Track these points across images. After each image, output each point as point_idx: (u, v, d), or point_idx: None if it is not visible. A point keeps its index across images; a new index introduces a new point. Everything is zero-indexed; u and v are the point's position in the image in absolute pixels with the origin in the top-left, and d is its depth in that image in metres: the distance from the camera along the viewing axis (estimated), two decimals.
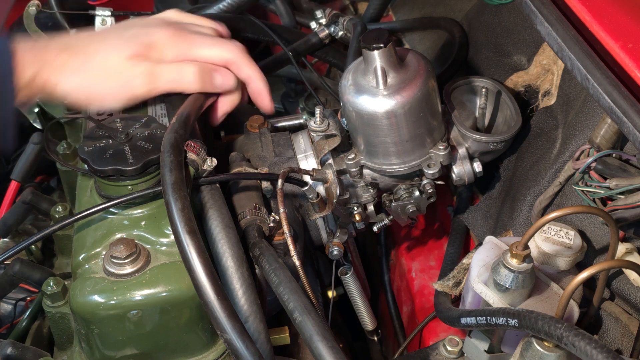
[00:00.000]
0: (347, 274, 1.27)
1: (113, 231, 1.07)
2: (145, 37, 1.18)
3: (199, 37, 1.22)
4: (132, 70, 1.16)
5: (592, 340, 0.83)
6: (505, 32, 1.42)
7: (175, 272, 1.02)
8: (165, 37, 1.19)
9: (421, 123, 1.19)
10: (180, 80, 1.18)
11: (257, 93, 1.26)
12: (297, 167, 1.22)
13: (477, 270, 1.05)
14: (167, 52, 1.18)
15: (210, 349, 1.08)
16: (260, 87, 1.25)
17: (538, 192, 1.21)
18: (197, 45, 1.20)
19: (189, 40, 1.20)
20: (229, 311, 0.91)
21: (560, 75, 1.27)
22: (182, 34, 1.20)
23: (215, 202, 1.07)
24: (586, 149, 1.10)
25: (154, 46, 1.18)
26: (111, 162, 1.06)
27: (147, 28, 1.21)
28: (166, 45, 1.18)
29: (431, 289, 1.31)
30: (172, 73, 1.18)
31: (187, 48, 1.20)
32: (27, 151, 1.53)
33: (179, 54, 1.19)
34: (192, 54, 1.20)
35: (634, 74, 0.93)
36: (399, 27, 1.72)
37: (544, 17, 1.06)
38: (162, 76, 1.17)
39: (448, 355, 1.16)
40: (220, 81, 1.21)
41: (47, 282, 1.12)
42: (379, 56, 1.14)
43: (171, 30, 1.20)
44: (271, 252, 1.08)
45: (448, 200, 1.52)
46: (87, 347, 1.06)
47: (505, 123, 1.31)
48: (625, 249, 1.07)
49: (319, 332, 0.95)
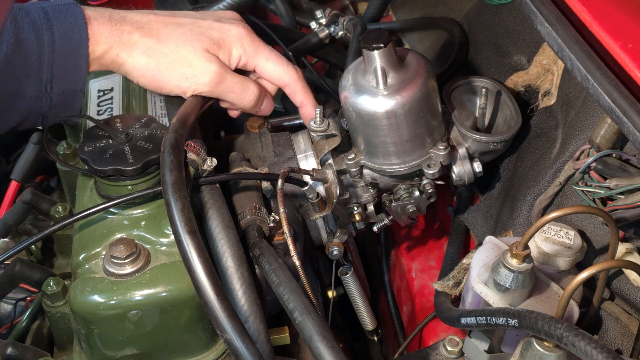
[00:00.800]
0: (347, 274, 1.27)
1: (113, 231, 1.07)
2: (218, 32, 1.19)
3: (268, 49, 1.23)
4: (205, 66, 1.16)
5: (592, 340, 0.83)
6: (505, 32, 1.42)
7: (175, 272, 1.03)
8: (237, 36, 1.20)
9: (421, 123, 1.19)
10: (240, 94, 1.20)
11: (306, 117, 1.28)
12: (297, 167, 1.23)
13: (477, 270, 1.05)
14: (235, 53, 1.19)
15: (210, 349, 1.09)
16: (310, 114, 1.27)
17: (538, 192, 1.21)
18: (264, 57, 1.22)
19: (258, 48, 1.21)
20: (229, 311, 0.91)
21: (560, 75, 1.27)
22: (253, 37, 1.21)
23: (215, 202, 1.07)
24: (586, 149, 1.10)
25: (225, 44, 1.18)
26: (111, 162, 1.06)
27: (221, 23, 1.21)
28: (236, 44, 1.19)
29: (431, 289, 1.31)
30: (237, 86, 1.20)
31: (254, 55, 1.21)
32: (27, 151, 1.53)
33: (246, 59, 1.20)
34: (257, 64, 1.21)
35: (634, 74, 0.93)
36: (399, 27, 1.72)
37: (544, 17, 1.06)
38: (227, 83, 1.19)
39: (448, 355, 1.16)
40: (264, 107, 1.26)
41: (47, 282, 1.12)
42: (379, 56, 1.14)
43: (244, 30, 1.21)
44: (271, 252, 1.08)
45: (448, 200, 1.52)
46: (87, 347, 1.06)
47: (505, 123, 1.31)
48: (625, 249, 1.07)
49: (319, 332, 0.95)
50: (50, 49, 1.09)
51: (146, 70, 1.16)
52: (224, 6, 1.56)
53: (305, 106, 1.27)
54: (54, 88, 1.11)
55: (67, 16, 1.10)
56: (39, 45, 1.08)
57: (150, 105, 1.26)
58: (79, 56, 1.11)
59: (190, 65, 1.16)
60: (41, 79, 1.10)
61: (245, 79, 1.21)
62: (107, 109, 1.28)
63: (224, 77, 1.18)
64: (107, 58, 1.14)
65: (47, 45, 1.08)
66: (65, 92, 1.12)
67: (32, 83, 1.10)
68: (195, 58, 1.16)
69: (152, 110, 1.25)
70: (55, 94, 1.12)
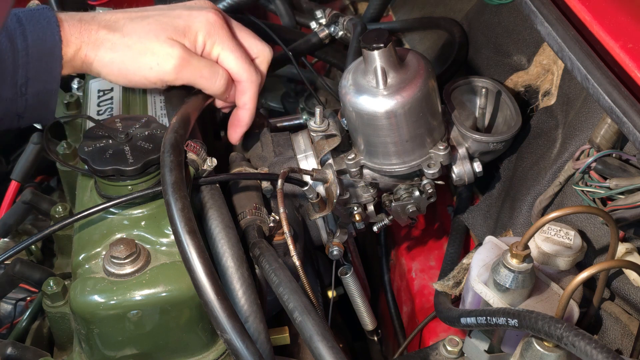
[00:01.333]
0: (347, 274, 1.27)
1: (113, 231, 1.07)
2: (185, 20, 1.18)
3: (235, 42, 1.21)
4: (167, 52, 1.15)
5: (592, 340, 0.83)
6: (505, 32, 1.42)
7: (175, 272, 1.02)
8: (204, 22, 1.18)
9: (421, 123, 1.19)
10: (210, 79, 1.18)
11: (237, 122, 1.25)
12: (297, 167, 1.22)
13: (477, 270, 1.05)
14: (200, 38, 1.18)
15: (210, 349, 1.08)
16: (244, 120, 1.24)
17: (538, 192, 1.21)
18: (229, 47, 1.20)
19: (224, 37, 1.20)
20: (229, 311, 0.91)
21: (560, 75, 1.27)
22: (222, 25, 1.20)
23: (215, 202, 1.07)
24: (586, 149, 1.10)
25: (190, 31, 1.17)
26: (111, 162, 1.06)
27: (190, 11, 1.20)
28: (202, 30, 1.18)
29: (431, 289, 1.31)
30: (205, 69, 1.18)
31: (219, 43, 1.19)
32: (27, 151, 1.53)
33: (211, 45, 1.19)
34: (220, 52, 1.19)
35: (634, 74, 0.93)
36: (399, 27, 1.72)
37: (544, 17, 1.06)
38: (194, 68, 1.17)
39: (448, 355, 1.16)
40: (233, 94, 1.23)
41: (47, 282, 1.12)
42: (379, 56, 1.14)
43: (213, 17, 1.19)
44: (271, 252, 1.08)
45: (448, 200, 1.52)
46: (87, 347, 1.06)
47: (505, 123, 1.31)
48: (625, 249, 1.07)
49: (319, 332, 0.95)
50: (24, 53, 1.09)
51: (112, 66, 1.16)
52: (224, 6, 1.56)
53: (244, 109, 1.24)
54: (29, 90, 1.12)
55: (40, 20, 1.11)
56: (12, 50, 1.09)
57: (150, 105, 1.26)
58: (53, 58, 1.11)
59: (153, 54, 1.15)
60: (16, 82, 1.11)
61: (212, 62, 1.19)
62: (107, 109, 1.28)
63: (189, 62, 1.16)
64: (78, 59, 1.14)
65: (20, 49, 1.09)
66: (40, 94, 1.13)
67: (8, 86, 1.11)
68: (158, 46, 1.15)
69: (152, 110, 1.25)
70: (30, 95, 1.12)
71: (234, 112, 1.26)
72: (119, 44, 1.15)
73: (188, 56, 1.16)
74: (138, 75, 1.16)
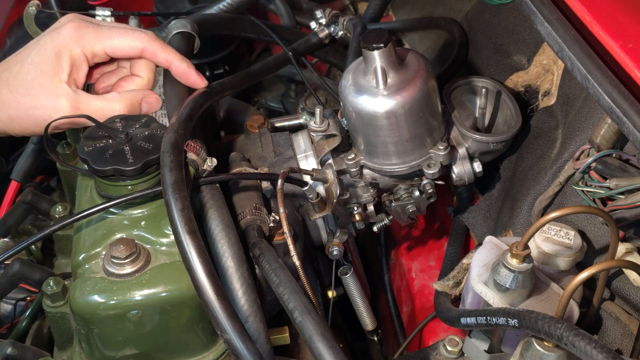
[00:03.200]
0: (347, 274, 1.27)
1: (113, 231, 1.07)
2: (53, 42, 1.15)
3: (106, 28, 1.18)
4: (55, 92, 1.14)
5: (592, 340, 0.83)
6: (505, 32, 1.42)
7: (175, 272, 1.02)
8: (70, 32, 1.15)
9: (421, 123, 1.19)
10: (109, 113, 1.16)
11: (181, 73, 1.21)
12: (297, 167, 1.23)
13: (477, 270, 1.05)
14: (76, 50, 1.15)
15: (210, 349, 1.09)
16: (183, 68, 1.21)
17: (538, 192, 1.21)
18: (106, 36, 1.17)
19: (96, 33, 1.17)
20: (229, 311, 0.91)
21: (560, 75, 1.27)
22: (87, 26, 1.17)
23: (215, 202, 1.07)
24: (586, 149, 1.10)
25: (63, 51, 1.14)
26: (111, 162, 1.06)
27: (52, 32, 1.17)
28: (73, 41, 1.15)
29: (431, 289, 1.31)
30: (100, 104, 1.16)
31: (96, 41, 1.17)
32: (27, 151, 1.53)
33: (90, 50, 1.16)
34: (103, 47, 1.17)
35: (634, 74, 0.93)
36: (399, 27, 1.72)
37: (544, 17, 1.06)
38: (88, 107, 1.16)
39: (448, 355, 1.16)
40: (146, 109, 1.20)
41: (47, 282, 1.12)
42: (379, 56, 1.14)
43: (75, 23, 1.16)
44: (271, 252, 1.08)
45: (448, 200, 1.52)
46: (87, 347, 1.06)
47: (505, 123, 1.31)
48: (625, 249, 1.07)
49: (319, 332, 0.95)
50: None
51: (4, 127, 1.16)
52: (224, 6, 1.56)
53: (173, 62, 1.20)
54: None
55: None
56: None
57: None
58: None
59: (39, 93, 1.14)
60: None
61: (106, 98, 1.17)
62: None
63: (80, 102, 1.15)
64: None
65: None
66: None
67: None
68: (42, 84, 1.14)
69: None
70: None
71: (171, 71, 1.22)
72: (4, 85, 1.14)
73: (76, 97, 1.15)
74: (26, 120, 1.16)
